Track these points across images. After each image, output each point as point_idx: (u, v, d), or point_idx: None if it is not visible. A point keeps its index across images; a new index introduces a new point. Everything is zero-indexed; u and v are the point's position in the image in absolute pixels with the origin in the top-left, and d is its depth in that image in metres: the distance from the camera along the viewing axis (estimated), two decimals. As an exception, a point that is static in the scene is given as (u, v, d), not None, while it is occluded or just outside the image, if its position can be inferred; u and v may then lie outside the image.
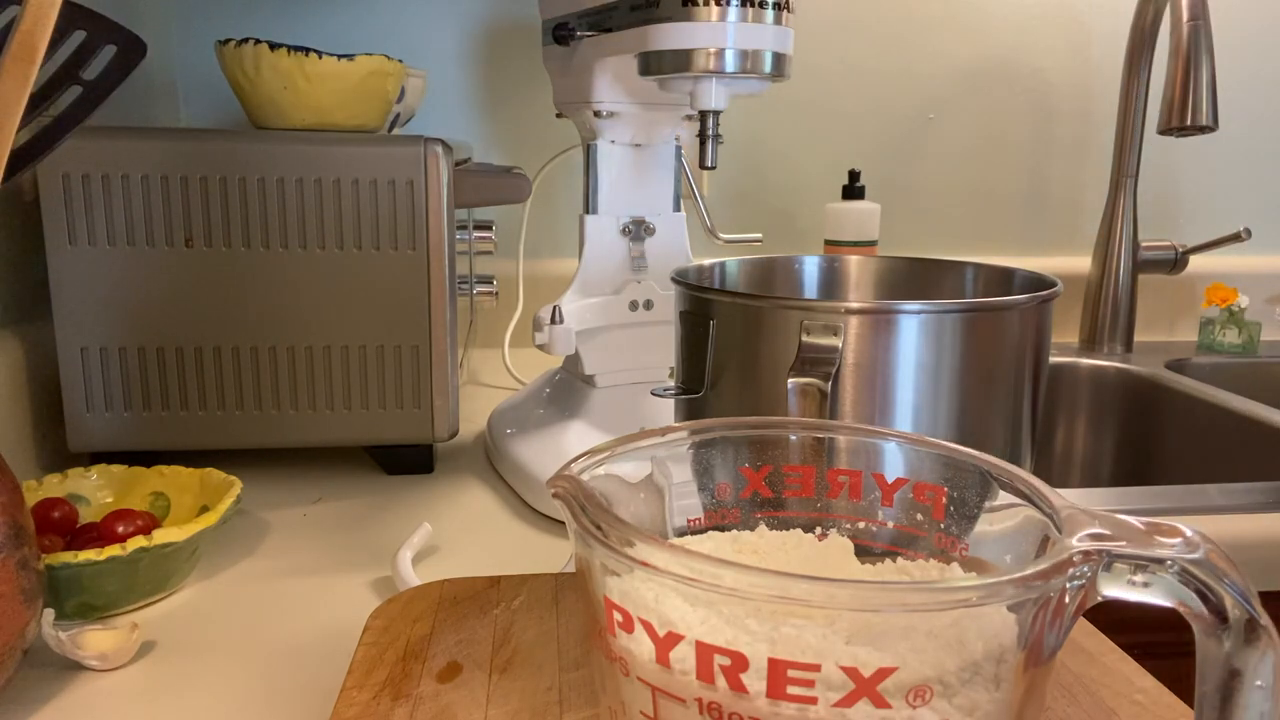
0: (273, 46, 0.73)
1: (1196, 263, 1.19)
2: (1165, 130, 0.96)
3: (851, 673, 0.25)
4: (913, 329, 0.51)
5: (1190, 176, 1.30)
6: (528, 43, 1.18)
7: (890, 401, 0.52)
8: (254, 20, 1.13)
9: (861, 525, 0.37)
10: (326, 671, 0.49)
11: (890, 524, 0.36)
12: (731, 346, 0.55)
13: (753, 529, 0.38)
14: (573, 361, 0.80)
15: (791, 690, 0.25)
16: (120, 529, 0.57)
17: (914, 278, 0.69)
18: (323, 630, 0.53)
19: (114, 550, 0.52)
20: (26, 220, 0.76)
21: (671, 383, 0.61)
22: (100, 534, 0.57)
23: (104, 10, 0.49)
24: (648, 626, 0.28)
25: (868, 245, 1.11)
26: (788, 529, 0.38)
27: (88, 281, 0.70)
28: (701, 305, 0.57)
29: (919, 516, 0.36)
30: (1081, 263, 1.23)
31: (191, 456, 0.72)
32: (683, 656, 0.27)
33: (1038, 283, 0.59)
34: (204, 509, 0.61)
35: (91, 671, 0.49)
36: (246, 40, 0.73)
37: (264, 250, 0.71)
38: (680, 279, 0.59)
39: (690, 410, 0.59)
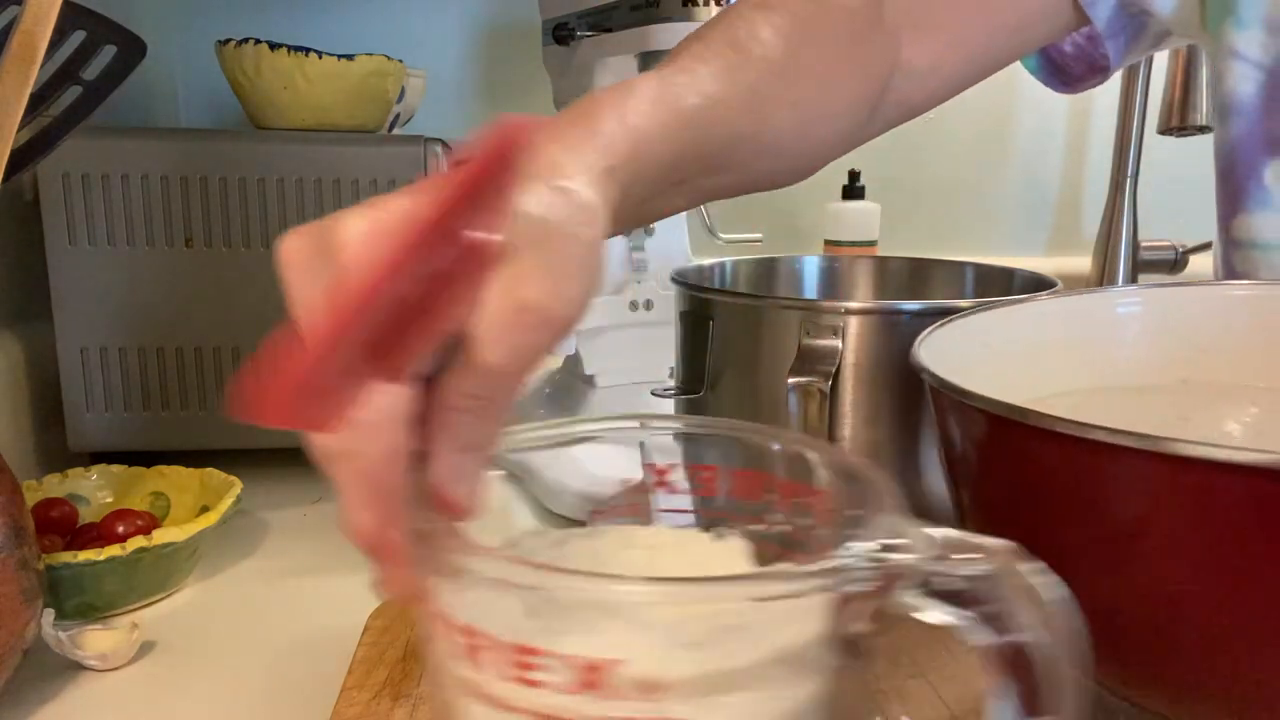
0: (273, 46, 0.73)
1: (1196, 263, 1.19)
2: (1165, 130, 0.96)
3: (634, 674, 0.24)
4: (913, 329, 0.51)
5: (1190, 176, 1.30)
6: (528, 43, 1.17)
7: (890, 401, 0.52)
8: (254, 20, 1.13)
9: (758, 528, 0.36)
10: (326, 671, 0.49)
11: (778, 527, 0.35)
12: (731, 346, 0.55)
13: (652, 525, 0.37)
14: (573, 361, 0.80)
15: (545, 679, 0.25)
16: (120, 529, 0.57)
17: (914, 278, 0.69)
18: (323, 630, 0.53)
19: (114, 550, 0.52)
20: (26, 220, 0.76)
21: (671, 383, 0.61)
22: (100, 534, 0.57)
23: (104, 10, 0.49)
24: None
25: (868, 245, 1.11)
26: (688, 528, 0.37)
27: (88, 281, 0.69)
28: (701, 305, 0.57)
29: (808, 520, 0.34)
30: (1081, 263, 1.23)
31: (191, 456, 0.72)
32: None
33: (1038, 283, 0.59)
34: (204, 509, 0.61)
35: (91, 671, 0.49)
36: (246, 40, 0.73)
37: (264, 250, 0.71)
38: (680, 279, 0.59)
39: (690, 410, 0.59)
